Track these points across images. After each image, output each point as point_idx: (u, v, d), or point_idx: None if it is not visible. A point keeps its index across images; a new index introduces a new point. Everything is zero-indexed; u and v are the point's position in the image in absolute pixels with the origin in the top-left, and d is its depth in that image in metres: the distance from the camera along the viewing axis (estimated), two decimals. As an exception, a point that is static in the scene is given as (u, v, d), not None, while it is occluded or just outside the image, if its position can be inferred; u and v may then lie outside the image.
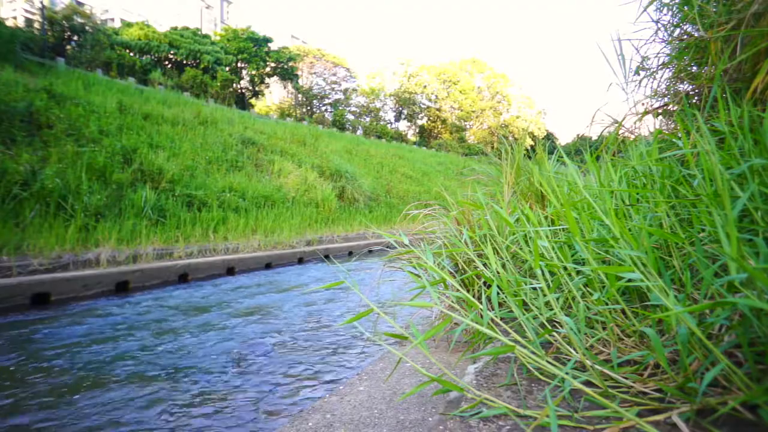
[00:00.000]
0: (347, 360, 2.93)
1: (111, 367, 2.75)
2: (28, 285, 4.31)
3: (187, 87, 22.92)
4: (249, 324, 3.81)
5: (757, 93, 1.27)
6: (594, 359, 1.03)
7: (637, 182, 1.61)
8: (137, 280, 5.31)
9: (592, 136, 2.44)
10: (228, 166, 11.21)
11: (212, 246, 7.08)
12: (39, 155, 7.10)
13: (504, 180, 2.32)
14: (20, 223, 5.63)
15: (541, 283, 1.19)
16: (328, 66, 38.46)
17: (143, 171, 8.27)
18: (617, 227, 1.05)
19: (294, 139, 16.86)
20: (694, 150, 1.15)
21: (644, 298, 1.22)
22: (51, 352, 2.99)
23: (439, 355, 1.56)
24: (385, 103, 42.92)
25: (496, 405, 0.97)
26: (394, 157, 24.32)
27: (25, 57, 12.35)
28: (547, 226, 1.62)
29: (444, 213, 2.39)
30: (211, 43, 27.20)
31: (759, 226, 0.92)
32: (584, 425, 0.84)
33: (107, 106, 10.27)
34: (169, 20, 45.56)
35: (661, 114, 1.84)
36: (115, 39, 22.89)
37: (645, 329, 0.87)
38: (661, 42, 1.76)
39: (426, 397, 1.18)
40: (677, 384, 0.85)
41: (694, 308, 0.77)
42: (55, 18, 17.22)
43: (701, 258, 0.97)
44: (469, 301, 1.26)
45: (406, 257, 2.02)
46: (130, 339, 3.32)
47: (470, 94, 45.24)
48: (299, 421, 1.14)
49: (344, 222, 12.17)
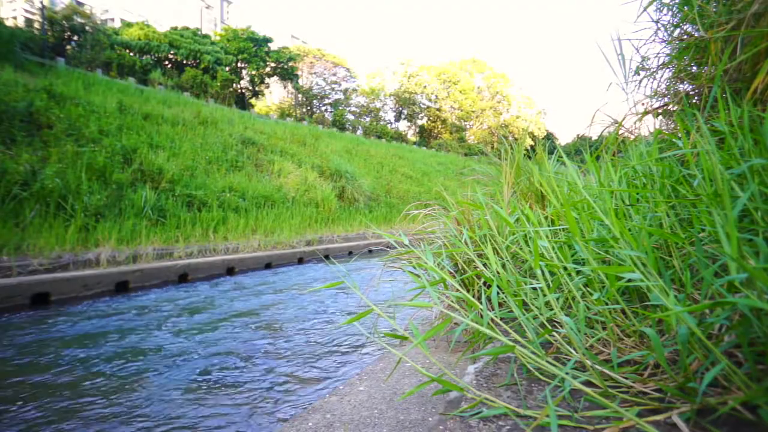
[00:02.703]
0: (347, 360, 2.93)
1: (111, 366, 2.75)
2: (28, 285, 4.31)
3: (187, 87, 22.91)
4: (249, 324, 3.81)
5: (757, 93, 1.27)
6: (594, 359, 1.03)
7: (637, 182, 1.61)
8: (137, 280, 5.31)
9: (592, 136, 2.44)
10: (228, 166, 11.21)
11: (212, 246, 7.08)
12: (39, 155, 7.10)
13: (504, 180, 2.32)
14: (20, 223, 5.63)
15: (541, 283, 1.19)
16: (328, 66, 38.45)
17: (143, 171, 8.27)
18: (617, 227, 1.05)
19: (294, 139, 16.86)
20: (694, 150, 1.15)
21: (644, 298, 1.22)
22: (51, 352, 2.99)
23: (439, 355, 1.56)
24: (385, 103, 42.92)
25: (496, 405, 0.97)
26: (394, 157, 24.32)
27: (25, 57, 12.34)
28: (547, 226, 1.62)
29: (444, 213, 2.39)
30: (211, 43, 27.20)
31: (759, 226, 0.92)
32: (584, 425, 0.84)
33: (107, 106, 10.26)
34: (169, 20, 45.54)
35: (661, 114, 1.84)
36: (115, 39, 22.89)
37: (645, 329, 0.87)
38: (661, 42, 1.76)
39: (426, 397, 1.18)
40: (677, 384, 0.85)
41: (694, 308, 0.77)
42: (55, 18, 17.22)
43: (701, 258, 0.97)
44: (469, 301, 1.26)
45: (406, 257, 2.02)
46: (129, 339, 3.32)
47: (470, 94, 45.23)
48: (299, 421, 1.14)
49: (344, 222, 12.17)
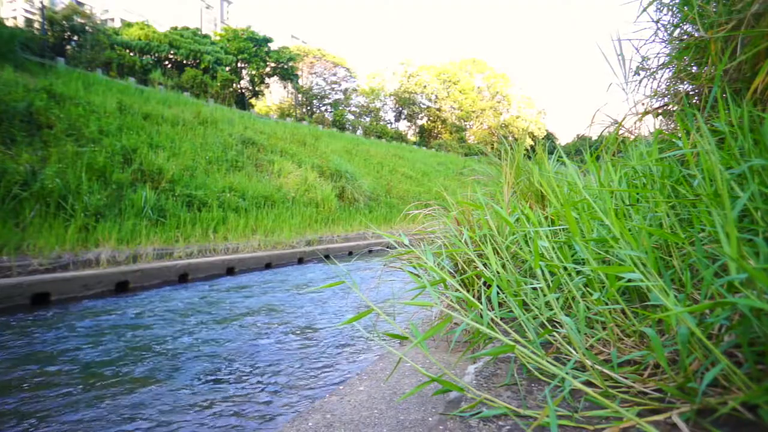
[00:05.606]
0: (347, 360, 2.93)
1: (110, 367, 2.75)
2: (28, 285, 4.31)
3: (187, 87, 22.92)
4: (248, 324, 3.81)
5: (757, 93, 1.27)
6: (594, 359, 1.03)
7: (637, 182, 1.61)
8: (137, 280, 5.31)
9: (592, 137, 2.44)
10: (228, 166, 11.21)
11: (212, 246, 7.08)
12: (39, 155, 7.10)
13: (504, 180, 2.32)
14: (20, 223, 5.63)
15: (541, 283, 1.19)
16: (328, 66, 38.46)
17: (143, 171, 8.27)
18: (617, 227, 1.05)
19: (294, 139, 16.87)
20: (694, 150, 1.15)
21: (644, 298, 1.22)
22: (51, 352, 2.99)
23: (439, 355, 1.56)
24: (385, 103, 42.96)
25: (496, 405, 0.97)
26: (394, 157, 24.34)
27: (25, 57, 12.34)
28: (547, 226, 1.62)
29: (444, 213, 2.39)
30: (211, 43, 27.21)
31: (759, 226, 0.92)
32: (584, 425, 0.83)
33: (107, 106, 10.26)
34: (169, 20, 45.53)
35: (661, 114, 1.84)
36: (115, 39, 22.90)
37: (645, 329, 0.87)
38: (661, 42, 1.76)
39: (426, 397, 1.18)
40: (677, 384, 0.85)
41: (694, 308, 0.77)
42: (55, 18, 17.23)
43: (701, 258, 0.97)
44: (469, 301, 1.26)
45: (406, 257, 2.02)
46: (129, 339, 3.32)
47: (470, 94, 45.25)
48: (299, 421, 1.14)
49: (344, 222, 12.17)
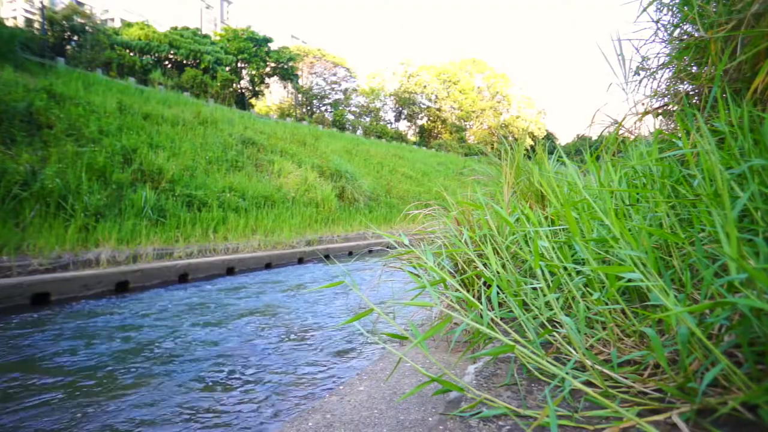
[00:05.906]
0: (347, 360, 2.93)
1: (110, 367, 2.75)
2: (28, 285, 4.31)
3: (187, 87, 22.92)
4: (248, 324, 3.81)
5: (757, 93, 1.27)
6: (594, 359, 1.03)
7: (637, 182, 1.61)
8: (137, 280, 5.31)
9: (592, 137, 2.44)
10: (228, 166, 11.20)
11: (212, 246, 7.08)
12: (39, 155, 7.10)
13: (504, 180, 2.32)
14: (20, 223, 5.63)
15: (541, 283, 1.19)
16: (328, 66, 38.46)
17: (143, 171, 8.27)
18: (617, 227, 1.05)
19: (294, 139, 16.87)
20: (694, 150, 1.15)
21: (644, 298, 1.22)
22: (51, 352, 2.99)
23: (439, 355, 1.56)
24: (385, 103, 42.96)
25: (496, 405, 0.97)
26: (394, 157, 24.33)
27: (25, 57, 12.33)
28: (547, 226, 1.62)
29: (444, 213, 2.39)
30: (211, 43, 27.21)
31: (759, 226, 0.92)
32: (584, 425, 0.83)
33: (107, 106, 10.26)
34: (169, 20, 45.52)
35: (661, 114, 1.84)
36: (115, 39, 22.90)
37: (645, 329, 0.87)
38: (661, 42, 1.76)
39: (426, 397, 1.18)
40: (677, 384, 0.85)
41: (694, 308, 0.77)
42: (55, 18, 17.24)
43: (701, 258, 0.97)
44: (469, 301, 1.26)
45: (406, 257, 2.02)
46: (129, 339, 3.32)
47: (470, 94, 45.25)
48: (299, 421, 1.14)
49: (344, 222, 12.16)
